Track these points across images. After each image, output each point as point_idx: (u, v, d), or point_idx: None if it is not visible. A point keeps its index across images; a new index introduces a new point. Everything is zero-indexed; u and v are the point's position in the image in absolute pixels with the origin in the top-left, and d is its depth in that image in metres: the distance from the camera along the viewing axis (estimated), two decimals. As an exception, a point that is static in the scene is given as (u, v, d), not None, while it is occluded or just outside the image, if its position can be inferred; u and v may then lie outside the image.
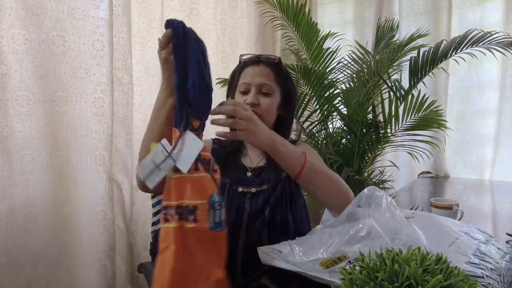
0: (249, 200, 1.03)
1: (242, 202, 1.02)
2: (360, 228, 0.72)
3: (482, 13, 2.22)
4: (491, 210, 1.58)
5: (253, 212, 1.01)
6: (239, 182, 1.05)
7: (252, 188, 1.03)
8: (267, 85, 1.03)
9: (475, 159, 2.32)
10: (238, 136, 0.80)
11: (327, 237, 0.75)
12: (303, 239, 0.79)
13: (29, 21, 1.39)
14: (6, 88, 1.36)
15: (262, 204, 1.02)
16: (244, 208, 1.02)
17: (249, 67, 1.06)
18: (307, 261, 0.70)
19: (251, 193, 1.03)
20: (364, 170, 1.99)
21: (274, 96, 1.05)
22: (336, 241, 0.72)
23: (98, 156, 1.59)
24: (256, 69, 1.05)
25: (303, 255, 0.72)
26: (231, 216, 0.99)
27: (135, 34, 1.80)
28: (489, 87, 2.25)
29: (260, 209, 1.01)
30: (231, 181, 1.04)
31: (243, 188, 1.04)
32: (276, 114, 1.08)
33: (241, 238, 0.99)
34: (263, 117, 1.01)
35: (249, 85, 1.03)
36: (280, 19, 2.08)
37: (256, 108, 1.01)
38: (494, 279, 0.64)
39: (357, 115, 1.80)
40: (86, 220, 1.57)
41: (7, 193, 1.38)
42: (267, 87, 1.03)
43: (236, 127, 0.79)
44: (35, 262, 1.45)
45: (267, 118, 1.03)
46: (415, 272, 0.48)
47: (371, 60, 1.98)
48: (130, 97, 1.69)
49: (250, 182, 1.05)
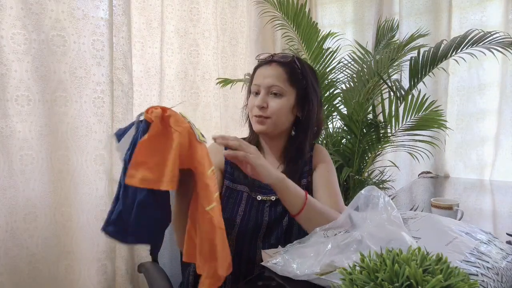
0: (268, 208, 1.00)
1: (261, 211, 0.99)
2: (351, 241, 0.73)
3: (482, 13, 2.22)
4: (491, 210, 1.58)
5: (271, 222, 0.98)
6: (257, 190, 1.01)
7: (272, 196, 1.00)
8: (277, 86, 0.99)
9: (475, 159, 2.32)
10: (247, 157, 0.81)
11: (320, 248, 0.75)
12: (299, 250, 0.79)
13: (29, 21, 1.39)
14: (6, 88, 1.36)
15: (281, 212, 0.98)
16: (263, 218, 0.98)
17: (261, 68, 1.03)
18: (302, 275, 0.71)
19: (271, 201, 1.00)
20: (364, 170, 1.98)
21: (286, 97, 1.00)
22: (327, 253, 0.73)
23: (98, 156, 1.59)
24: (267, 69, 1.01)
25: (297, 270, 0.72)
26: (249, 227, 0.96)
27: (135, 34, 1.80)
28: (489, 87, 2.25)
29: (278, 217, 0.99)
30: (250, 189, 1.01)
31: (262, 196, 1.01)
32: (291, 117, 1.04)
33: (258, 249, 0.96)
34: (272, 119, 0.99)
35: (259, 87, 1.01)
36: (280, 19, 2.08)
37: (264, 111, 0.99)
38: (490, 278, 0.64)
39: (357, 115, 1.80)
40: (86, 220, 1.56)
41: (7, 193, 1.37)
42: (277, 88, 0.99)
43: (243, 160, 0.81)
44: (35, 262, 1.45)
45: (277, 120, 1.00)
46: (415, 272, 0.48)
47: (371, 60, 1.98)
48: (130, 97, 1.69)
49: (270, 190, 0.98)
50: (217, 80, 2.09)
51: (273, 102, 0.99)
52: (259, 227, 0.98)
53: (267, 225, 0.98)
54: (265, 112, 0.99)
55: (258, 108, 0.99)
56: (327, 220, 0.87)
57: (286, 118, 1.02)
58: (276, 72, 1.00)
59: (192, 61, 2.07)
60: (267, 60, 1.04)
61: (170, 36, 1.99)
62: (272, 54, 1.04)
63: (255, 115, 1.01)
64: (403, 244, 0.69)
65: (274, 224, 0.98)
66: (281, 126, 1.03)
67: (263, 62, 1.04)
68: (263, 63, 1.04)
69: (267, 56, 1.05)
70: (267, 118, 1.00)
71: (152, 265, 1.17)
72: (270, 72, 1.01)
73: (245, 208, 0.99)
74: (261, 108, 0.99)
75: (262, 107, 0.99)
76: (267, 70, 1.01)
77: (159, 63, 1.91)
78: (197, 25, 2.07)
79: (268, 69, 1.01)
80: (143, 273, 1.20)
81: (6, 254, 1.38)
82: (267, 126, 1.01)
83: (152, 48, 1.88)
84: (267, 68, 1.02)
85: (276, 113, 0.99)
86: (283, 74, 1.00)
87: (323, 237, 0.79)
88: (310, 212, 0.88)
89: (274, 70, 1.01)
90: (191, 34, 2.06)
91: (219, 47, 2.22)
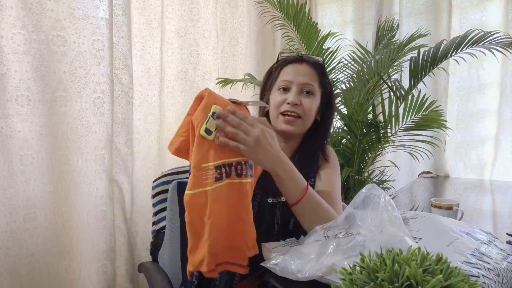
0: (279, 211, 0.97)
1: (273, 216, 0.96)
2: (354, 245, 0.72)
3: (482, 13, 2.22)
4: (491, 210, 1.58)
5: (282, 225, 0.96)
6: (269, 191, 0.97)
7: (282, 197, 0.95)
8: (310, 85, 0.97)
9: (475, 159, 2.32)
10: (238, 149, 0.76)
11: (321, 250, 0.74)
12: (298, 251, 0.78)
13: (29, 21, 1.39)
14: (6, 88, 1.36)
15: (290, 215, 0.95)
16: (274, 224, 0.96)
17: (290, 65, 1.01)
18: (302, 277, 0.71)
19: (282, 202, 0.97)
20: (364, 170, 1.98)
21: (315, 98, 0.99)
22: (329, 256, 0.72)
23: (98, 156, 1.59)
24: (299, 67, 0.99)
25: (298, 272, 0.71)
26: (262, 228, 0.92)
27: (135, 34, 1.80)
28: (489, 87, 2.25)
29: (287, 219, 0.96)
30: (262, 191, 0.96)
31: (273, 199, 0.97)
32: (314, 118, 1.02)
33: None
34: (303, 119, 0.97)
35: (291, 83, 0.98)
36: (280, 19, 2.08)
37: (297, 108, 0.96)
38: (491, 279, 0.64)
39: (357, 115, 1.80)
40: (86, 220, 1.56)
41: (7, 193, 1.37)
42: (310, 87, 0.98)
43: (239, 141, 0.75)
44: (35, 262, 1.45)
45: (306, 120, 0.99)
46: (415, 272, 0.48)
47: (371, 60, 1.98)
48: (130, 97, 1.69)
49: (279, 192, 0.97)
50: (217, 80, 2.09)
51: (306, 100, 0.97)
52: (272, 230, 0.96)
53: (278, 228, 0.96)
54: (299, 110, 0.96)
55: (291, 105, 0.95)
56: (325, 216, 0.85)
57: (312, 119, 1.01)
58: (309, 71, 0.99)
59: (192, 61, 2.07)
60: (297, 58, 1.01)
61: (170, 36, 1.99)
62: (300, 53, 1.03)
63: (284, 112, 0.97)
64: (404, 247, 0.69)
65: (283, 227, 0.97)
66: (308, 126, 1.01)
67: (293, 60, 1.01)
68: (293, 61, 1.01)
69: (294, 55, 1.03)
70: (298, 118, 0.97)
71: (152, 265, 1.17)
72: (303, 70, 0.99)
73: (257, 210, 0.96)
74: (294, 105, 0.96)
75: (295, 104, 0.96)
76: (300, 68, 0.99)
77: (159, 63, 1.91)
78: (197, 25, 2.07)
79: (300, 67, 0.99)
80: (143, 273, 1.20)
81: (6, 254, 1.38)
82: (297, 126, 0.98)
83: (152, 48, 1.88)
84: (298, 66, 1.00)
85: (308, 113, 0.98)
86: (315, 74, 0.99)
87: (323, 237, 0.79)
88: (308, 204, 0.84)
89: (306, 69, 0.99)
90: (191, 34, 2.06)
91: (219, 47, 2.22)
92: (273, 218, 0.96)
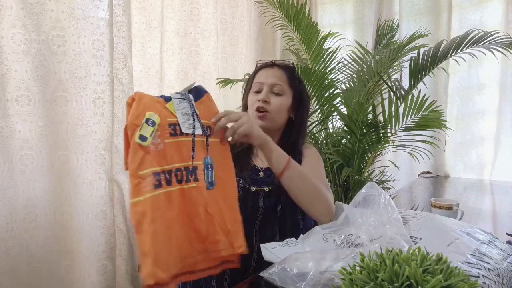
0: (263, 198, 1.07)
1: (256, 201, 1.07)
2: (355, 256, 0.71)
3: (482, 13, 2.22)
4: (491, 210, 1.58)
5: (266, 211, 1.06)
6: (252, 182, 1.09)
7: (265, 187, 1.08)
8: (279, 85, 1.10)
9: (475, 159, 2.32)
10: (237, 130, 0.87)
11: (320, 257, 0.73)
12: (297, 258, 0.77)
13: (29, 21, 1.39)
14: (6, 88, 1.36)
15: (275, 202, 1.06)
16: (259, 207, 1.06)
17: (263, 69, 1.14)
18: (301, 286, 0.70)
19: (264, 191, 1.07)
20: (364, 170, 1.99)
21: (285, 97, 1.11)
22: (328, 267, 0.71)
23: (98, 156, 1.59)
24: (270, 70, 1.12)
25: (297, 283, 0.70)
26: (246, 215, 0.99)
27: (135, 34, 1.80)
28: (489, 87, 2.25)
29: (273, 207, 1.06)
30: (244, 181, 1.09)
31: (256, 187, 1.08)
32: (286, 116, 1.13)
33: (255, 236, 1.04)
34: (271, 114, 1.08)
35: (262, 85, 1.10)
36: (280, 19, 2.08)
37: (266, 105, 1.08)
38: (491, 279, 0.64)
39: (357, 115, 1.80)
40: (86, 220, 1.56)
41: (7, 193, 1.37)
42: (279, 87, 1.09)
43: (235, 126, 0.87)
44: (35, 262, 1.45)
45: (276, 116, 1.09)
46: (415, 272, 0.48)
47: (371, 60, 1.98)
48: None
49: (262, 181, 1.09)
50: (217, 80, 2.09)
51: (275, 99, 1.09)
52: (256, 215, 1.06)
53: (263, 212, 1.06)
54: (268, 106, 1.08)
55: (262, 101, 1.07)
56: (310, 185, 0.96)
57: (283, 116, 1.12)
58: (278, 73, 1.12)
59: (192, 61, 2.07)
60: (268, 63, 1.15)
61: (170, 36, 1.99)
62: (272, 60, 1.16)
63: (256, 109, 1.09)
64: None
65: (269, 213, 1.06)
66: (278, 122, 1.12)
67: (265, 65, 1.15)
68: (265, 66, 1.14)
69: (268, 61, 1.16)
70: (267, 113, 1.08)
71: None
72: (272, 73, 1.12)
73: (242, 198, 1.03)
74: (264, 102, 1.08)
75: (265, 101, 1.08)
76: (270, 71, 1.12)
77: (159, 63, 1.91)
78: (197, 25, 2.07)
79: (270, 71, 1.12)
80: (143, 273, 1.19)
81: (6, 254, 1.38)
82: (267, 121, 1.09)
83: (152, 48, 1.88)
84: (269, 70, 1.13)
85: (276, 109, 1.09)
86: (284, 76, 1.12)
87: (322, 239, 0.79)
88: (293, 173, 0.95)
89: (276, 71, 1.12)
90: (191, 34, 2.06)
91: (219, 47, 2.22)
92: (257, 204, 1.07)
